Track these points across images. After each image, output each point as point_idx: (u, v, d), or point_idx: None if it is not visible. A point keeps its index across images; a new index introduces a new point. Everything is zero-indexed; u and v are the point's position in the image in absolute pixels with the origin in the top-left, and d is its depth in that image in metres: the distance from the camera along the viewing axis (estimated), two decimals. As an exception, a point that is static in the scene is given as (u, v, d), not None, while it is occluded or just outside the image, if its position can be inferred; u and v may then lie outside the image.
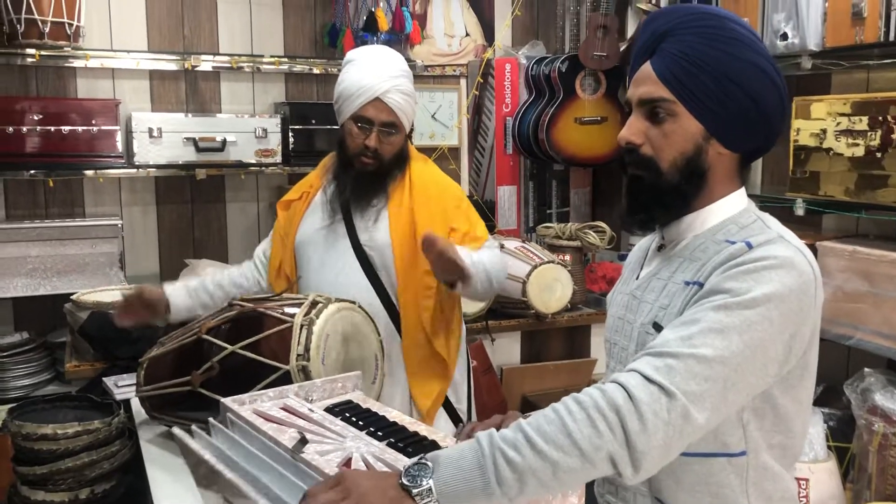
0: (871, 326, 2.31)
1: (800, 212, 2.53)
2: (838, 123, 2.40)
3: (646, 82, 1.21)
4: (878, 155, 2.28)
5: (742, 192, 1.26)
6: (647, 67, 1.22)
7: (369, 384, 1.83)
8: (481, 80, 3.72)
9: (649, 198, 1.23)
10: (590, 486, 1.09)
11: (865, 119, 2.31)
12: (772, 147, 1.27)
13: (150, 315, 2.04)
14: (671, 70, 1.18)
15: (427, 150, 3.32)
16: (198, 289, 2.13)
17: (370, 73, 2.03)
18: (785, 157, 2.60)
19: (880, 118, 2.27)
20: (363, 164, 2.07)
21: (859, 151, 2.34)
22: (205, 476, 1.27)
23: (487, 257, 2.06)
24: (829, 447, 2.47)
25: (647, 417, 1.01)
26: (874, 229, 2.66)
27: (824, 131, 2.44)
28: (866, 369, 2.43)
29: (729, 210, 1.24)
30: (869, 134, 2.30)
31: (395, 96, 2.04)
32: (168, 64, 3.19)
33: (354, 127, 2.06)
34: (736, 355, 1.06)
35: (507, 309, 3.09)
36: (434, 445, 1.21)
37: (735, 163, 1.24)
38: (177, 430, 1.33)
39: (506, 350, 3.15)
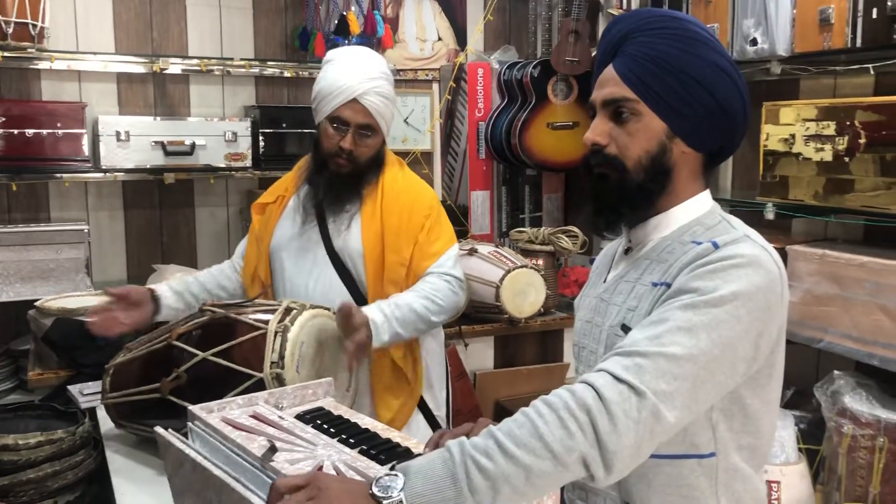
0: (840, 329, 2.33)
1: (770, 216, 2.55)
2: (807, 129, 2.42)
3: (608, 84, 1.22)
4: (846, 159, 2.31)
5: (707, 193, 1.28)
6: (609, 70, 1.23)
7: (343, 392, 1.81)
8: (454, 85, 3.72)
9: (615, 197, 1.24)
10: (560, 492, 1.08)
11: (832, 124, 2.34)
12: (735, 149, 1.28)
13: (135, 316, 1.93)
14: (633, 70, 1.20)
15: (400, 155, 3.30)
16: (183, 292, 2.08)
17: (348, 73, 2.00)
18: (755, 162, 2.62)
19: (847, 123, 2.30)
20: (338, 166, 2.04)
21: (827, 156, 2.36)
22: (186, 477, 1.24)
23: (424, 297, 1.98)
24: (799, 450, 2.49)
25: (617, 417, 1.01)
26: (842, 233, 2.69)
27: (793, 136, 2.46)
28: (835, 372, 2.46)
29: (694, 211, 1.25)
30: (836, 139, 2.33)
31: (373, 98, 2.01)
32: (136, 66, 3.15)
33: (330, 127, 2.03)
34: (705, 353, 1.07)
35: (480, 314, 3.08)
36: (407, 452, 1.19)
37: (699, 163, 1.26)
38: (160, 430, 1.30)
39: (479, 355, 3.14)
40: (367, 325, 1.82)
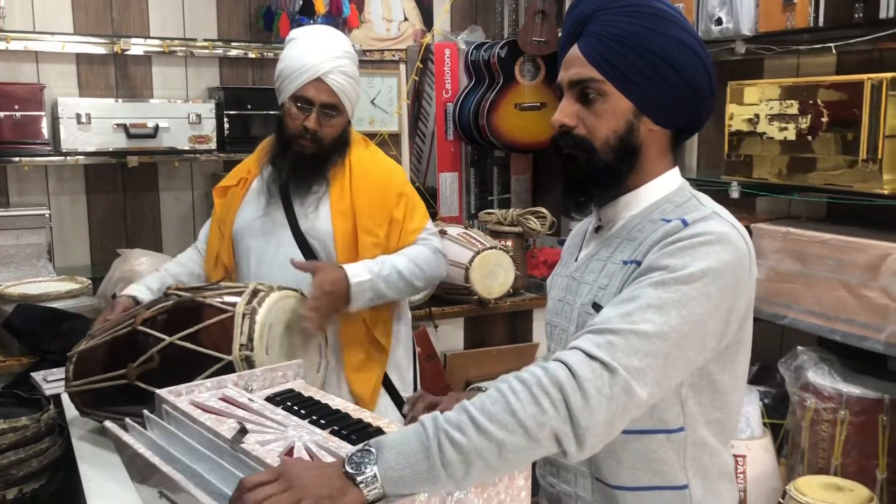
0: (803, 306, 2.38)
1: (734, 194, 2.58)
2: (770, 108, 2.45)
3: (574, 64, 1.22)
4: (809, 138, 2.34)
5: (676, 171, 1.28)
6: (574, 50, 1.23)
7: (314, 373, 1.80)
8: (421, 66, 3.69)
9: (585, 178, 1.24)
10: (531, 468, 1.09)
11: (795, 103, 2.37)
12: (703, 124, 1.29)
13: None
14: (597, 50, 1.20)
15: (367, 136, 3.28)
16: (161, 290, 2.05)
17: (312, 52, 1.97)
18: (720, 142, 2.65)
19: (810, 102, 2.33)
20: (302, 147, 2.02)
21: (790, 135, 2.39)
22: (140, 471, 1.23)
23: (408, 259, 2.02)
24: (764, 424, 2.54)
25: (589, 394, 1.02)
26: (806, 211, 2.73)
27: (757, 116, 2.49)
28: (799, 347, 2.50)
29: (664, 189, 1.26)
30: (799, 118, 2.36)
31: (338, 77, 1.98)
32: (96, 47, 3.08)
33: (294, 107, 2.00)
34: (675, 330, 1.08)
35: (449, 295, 3.08)
36: (379, 432, 1.19)
37: (667, 140, 1.26)
38: (109, 424, 1.28)
39: (449, 336, 3.15)
40: (338, 288, 1.83)
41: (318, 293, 1.79)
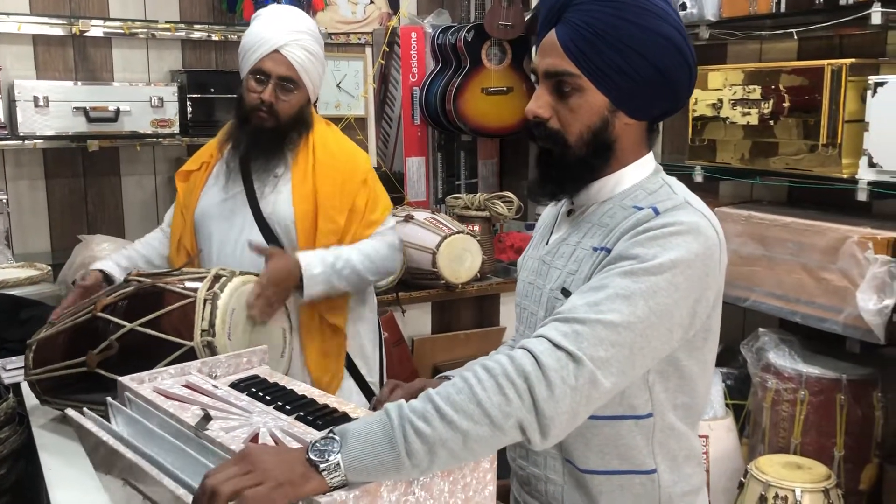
0: (765, 288, 2.42)
1: (698, 178, 2.61)
2: (734, 93, 2.48)
3: (551, 53, 1.19)
4: (771, 123, 2.37)
5: (650, 156, 1.27)
6: (551, 36, 1.19)
7: (277, 358, 1.79)
8: (387, 49, 3.67)
9: (558, 171, 1.23)
10: (502, 451, 1.09)
11: (758, 88, 2.40)
12: (679, 110, 1.28)
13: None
14: (575, 42, 1.16)
15: (333, 121, 3.25)
16: (130, 268, 2.02)
17: (271, 26, 1.98)
18: (684, 127, 2.67)
19: (772, 87, 2.36)
20: (259, 120, 2.00)
21: (753, 120, 2.42)
22: (104, 460, 1.21)
23: (363, 254, 2.01)
24: (726, 405, 2.58)
25: (554, 384, 1.02)
26: (767, 195, 2.77)
27: (721, 101, 2.52)
28: (760, 329, 2.55)
29: (637, 175, 1.25)
30: (762, 103, 2.39)
31: (296, 51, 1.97)
32: (53, 28, 3.01)
33: (252, 80, 2.00)
34: (642, 321, 1.08)
35: (417, 280, 3.08)
36: (345, 417, 1.19)
37: (642, 130, 1.25)
38: (71, 413, 1.26)
39: (416, 321, 3.15)
40: (289, 275, 1.83)
41: (265, 281, 1.76)
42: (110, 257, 2.08)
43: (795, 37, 2.45)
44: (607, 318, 1.06)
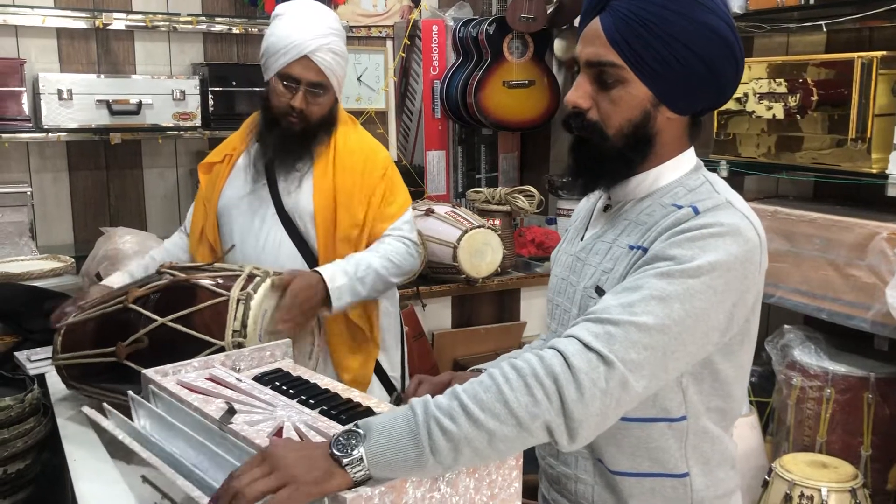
0: (790, 284, 2.39)
1: (723, 173, 2.58)
2: (759, 86, 2.44)
3: (594, 42, 1.14)
4: (797, 117, 2.34)
5: (691, 152, 1.23)
6: (595, 24, 1.14)
7: (305, 359, 1.78)
8: (408, 42, 3.65)
9: (594, 162, 1.19)
10: (530, 447, 1.08)
11: (784, 82, 2.36)
12: (725, 104, 1.23)
13: None
14: (620, 32, 1.11)
15: (354, 114, 3.23)
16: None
17: (299, 29, 1.93)
18: (709, 121, 2.64)
19: (799, 81, 2.32)
20: (289, 124, 1.98)
21: (778, 114, 2.39)
22: (121, 455, 1.22)
23: (383, 257, 1.97)
24: (750, 402, 2.56)
25: (584, 386, 0.99)
26: (793, 190, 2.73)
27: (746, 95, 2.48)
28: (786, 326, 2.52)
29: (677, 171, 1.20)
30: (788, 97, 2.35)
31: (325, 55, 1.94)
32: (77, 22, 3.02)
33: (280, 85, 1.97)
34: (677, 324, 1.04)
35: (437, 274, 3.07)
36: (368, 412, 1.18)
37: (684, 124, 1.20)
38: (87, 410, 1.26)
39: (437, 315, 3.14)
40: (313, 293, 1.80)
41: (290, 302, 1.75)
42: (126, 269, 2.07)
43: (824, 29, 2.41)
44: (641, 321, 1.03)
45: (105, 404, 1.28)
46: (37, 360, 2.13)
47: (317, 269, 1.89)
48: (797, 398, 2.38)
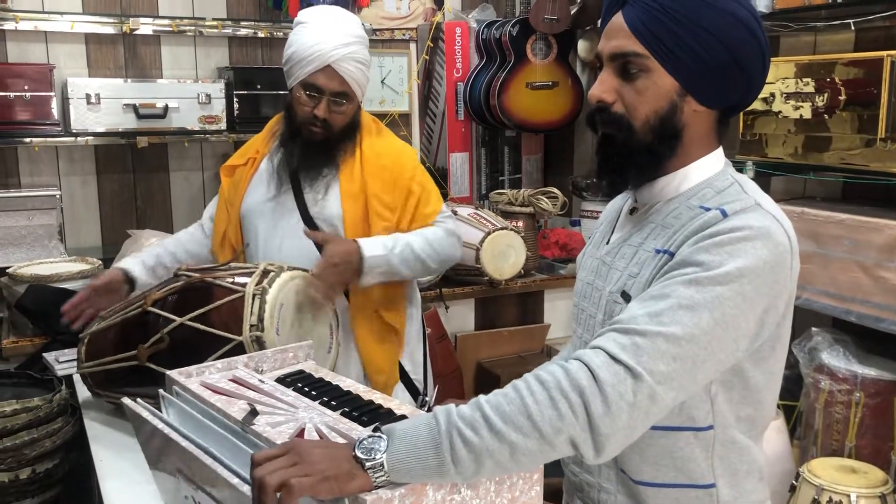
0: (818, 287, 2.35)
1: (749, 174, 2.55)
2: (786, 86, 2.41)
3: (617, 35, 1.13)
4: (825, 117, 2.31)
5: (719, 152, 1.20)
6: (618, 19, 1.13)
7: (324, 354, 1.79)
8: (431, 45, 3.66)
9: (621, 158, 1.16)
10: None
11: (811, 81, 2.33)
12: (751, 103, 1.21)
13: (112, 300, 1.91)
14: (644, 22, 1.10)
15: (378, 117, 3.23)
16: (155, 266, 2.05)
17: (322, 38, 1.92)
18: (734, 121, 2.60)
19: (826, 80, 2.29)
20: (312, 133, 1.99)
21: (806, 114, 2.36)
22: (158, 450, 1.22)
23: (423, 238, 1.99)
24: (777, 406, 2.52)
25: (611, 399, 0.97)
26: (821, 191, 2.70)
27: (772, 95, 2.45)
28: (813, 329, 2.48)
29: (705, 172, 1.17)
30: (815, 96, 2.32)
31: (348, 65, 1.94)
32: (105, 27, 3.06)
33: (303, 94, 1.96)
34: (706, 333, 1.02)
35: (460, 276, 3.07)
36: (390, 413, 1.18)
37: (712, 120, 1.18)
38: (127, 401, 1.27)
39: (460, 317, 3.14)
40: (349, 260, 1.83)
41: (324, 264, 1.78)
42: (136, 255, 2.10)
43: (853, 27, 2.37)
44: (669, 331, 1.00)
45: (138, 399, 1.29)
46: (65, 362, 2.16)
47: (355, 239, 1.90)
48: (825, 402, 2.35)
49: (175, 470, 1.18)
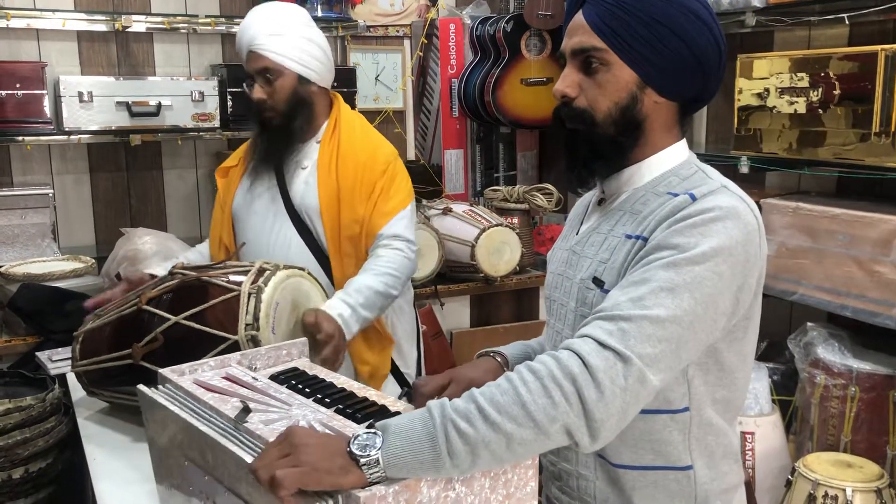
0: (813, 282, 2.35)
1: (744, 169, 2.55)
2: (781, 81, 2.41)
3: (577, 32, 1.19)
4: (819, 112, 2.30)
5: (683, 143, 1.25)
6: (579, 17, 1.19)
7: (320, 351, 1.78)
8: (425, 41, 3.65)
9: (586, 151, 1.21)
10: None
11: (806, 76, 2.33)
12: (711, 97, 1.25)
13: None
14: (602, 18, 1.16)
15: (372, 114, 3.24)
16: None
17: (243, 30, 2.01)
18: (729, 116, 2.61)
19: (821, 75, 2.29)
20: (265, 119, 2.04)
21: (800, 109, 2.35)
22: (167, 439, 1.21)
23: (377, 276, 1.91)
24: (773, 401, 2.52)
25: (604, 385, 0.99)
26: (815, 186, 2.70)
27: (767, 90, 2.45)
28: (808, 324, 2.48)
29: (669, 162, 1.22)
30: (810, 91, 2.32)
31: (264, 41, 1.97)
32: (97, 24, 3.05)
33: (247, 87, 2.04)
34: (688, 313, 1.05)
35: (455, 273, 3.06)
36: (384, 410, 1.18)
37: (673, 112, 1.22)
38: (143, 388, 1.26)
39: (455, 314, 3.13)
40: (339, 330, 1.75)
41: (333, 348, 1.71)
42: (162, 264, 2.09)
43: (847, 22, 2.37)
44: (653, 314, 1.04)
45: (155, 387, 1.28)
46: (58, 360, 2.15)
47: (320, 308, 1.78)
48: (821, 397, 2.35)
49: (183, 458, 1.16)
